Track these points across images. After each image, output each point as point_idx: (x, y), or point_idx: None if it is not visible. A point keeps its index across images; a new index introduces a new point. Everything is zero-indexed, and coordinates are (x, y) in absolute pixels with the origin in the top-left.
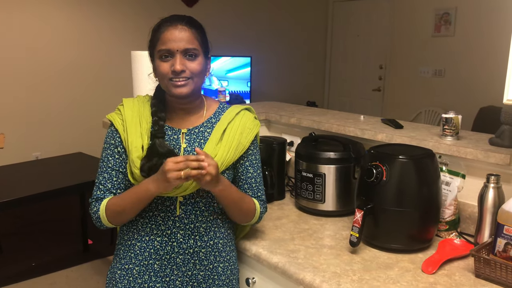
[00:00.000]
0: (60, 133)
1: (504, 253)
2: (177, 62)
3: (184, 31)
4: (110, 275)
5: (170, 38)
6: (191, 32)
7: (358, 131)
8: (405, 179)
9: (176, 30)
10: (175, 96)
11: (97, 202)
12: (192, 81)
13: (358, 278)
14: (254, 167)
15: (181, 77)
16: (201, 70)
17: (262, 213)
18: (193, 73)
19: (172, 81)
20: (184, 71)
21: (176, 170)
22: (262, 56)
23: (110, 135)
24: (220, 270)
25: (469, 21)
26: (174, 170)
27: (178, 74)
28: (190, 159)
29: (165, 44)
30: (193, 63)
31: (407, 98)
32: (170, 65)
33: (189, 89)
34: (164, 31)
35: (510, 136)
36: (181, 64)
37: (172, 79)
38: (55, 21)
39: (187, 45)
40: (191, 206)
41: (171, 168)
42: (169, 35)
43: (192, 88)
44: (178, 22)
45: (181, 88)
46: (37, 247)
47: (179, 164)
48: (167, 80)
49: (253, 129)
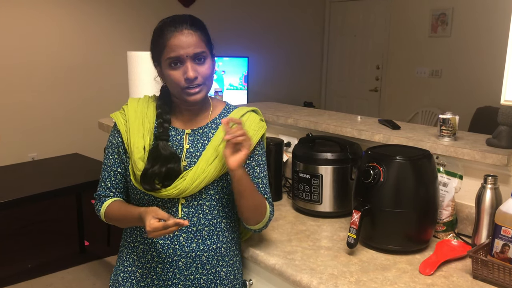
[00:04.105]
0: (56, 134)
1: (501, 254)
2: (189, 69)
3: (190, 36)
4: (114, 277)
5: (177, 44)
6: (197, 35)
7: (355, 132)
8: (402, 180)
9: (183, 36)
10: (189, 104)
11: (99, 200)
12: (205, 86)
13: (356, 280)
14: (260, 167)
15: (194, 84)
16: (211, 73)
17: (271, 212)
18: (205, 77)
19: (187, 90)
20: (196, 77)
21: (156, 232)
22: (259, 57)
23: (113, 135)
24: (223, 275)
25: (465, 21)
26: (154, 232)
27: (192, 81)
28: (169, 224)
29: (174, 52)
30: (203, 67)
31: (404, 99)
32: (182, 73)
33: (203, 95)
34: (170, 37)
35: (507, 136)
36: (193, 71)
37: (187, 88)
38: (51, 23)
39: (196, 49)
40: (194, 208)
41: (152, 232)
42: (176, 41)
43: (205, 93)
44: (182, 26)
45: (196, 95)
46: (33, 248)
47: (159, 231)
48: (180, 89)
49: (258, 131)
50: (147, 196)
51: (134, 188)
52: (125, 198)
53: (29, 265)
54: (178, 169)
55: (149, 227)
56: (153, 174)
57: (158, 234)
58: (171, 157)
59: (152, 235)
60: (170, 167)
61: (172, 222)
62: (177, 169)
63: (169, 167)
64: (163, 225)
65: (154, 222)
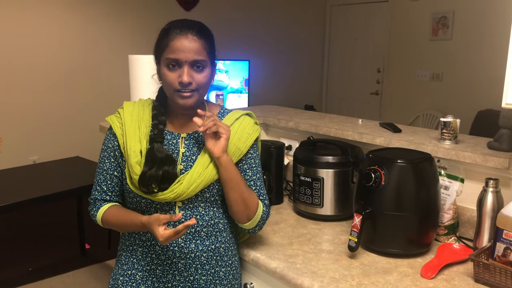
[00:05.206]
0: (57, 137)
1: (503, 258)
2: (185, 74)
3: (194, 42)
4: (113, 282)
5: (179, 47)
6: (201, 43)
7: (356, 135)
8: (403, 183)
9: (186, 40)
10: (180, 107)
11: (95, 204)
12: (197, 93)
13: (357, 283)
14: (253, 170)
15: (187, 89)
16: (207, 82)
17: (264, 213)
18: (199, 85)
19: (178, 93)
20: (191, 83)
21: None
22: (260, 60)
23: (108, 138)
24: (222, 275)
25: (466, 24)
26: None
27: (185, 86)
28: (180, 229)
29: (173, 53)
30: (200, 75)
31: (405, 102)
32: (177, 76)
33: (194, 100)
34: (173, 38)
35: (508, 140)
36: (189, 76)
37: (179, 90)
38: (53, 25)
39: (196, 56)
40: (190, 211)
41: (165, 241)
42: (178, 44)
43: (197, 99)
44: (188, 30)
45: (187, 99)
46: (34, 252)
47: (170, 238)
48: (173, 90)
49: (252, 134)
50: (144, 199)
51: (131, 191)
52: (121, 201)
53: (29, 268)
54: (174, 172)
55: (162, 237)
56: (150, 177)
57: (170, 240)
58: (167, 159)
59: (166, 242)
60: (166, 170)
61: (181, 227)
62: (172, 172)
63: (165, 170)
64: (174, 231)
65: (164, 231)
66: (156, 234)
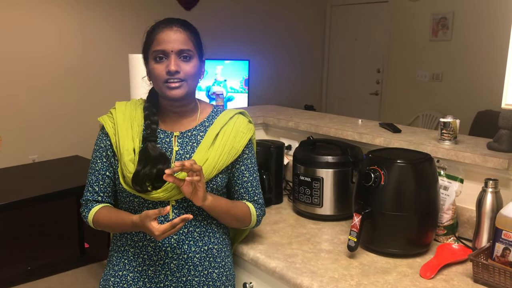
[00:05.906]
0: (57, 136)
1: (502, 258)
2: (172, 63)
3: (179, 33)
4: (103, 283)
5: (165, 39)
6: (186, 33)
7: (356, 135)
8: (403, 184)
9: (171, 32)
10: (169, 99)
11: (86, 205)
12: (186, 83)
13: (356, 283)
14: (250, 171)
15: (175, 78)
16: (195, 73)
17: (259, 216)
18: (187, 75)
19: (167, 83)
20: (178, 72)
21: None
22: (260, 60)
23: (100, 138)
24: (215, 276)
25: (466, 25)
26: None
27: (173, 74)
28: (176, 222)
29: (159, 45)
30: (188, 65)
31: (404, 102)
32: (165, 67)
33: (183, 91)
34: (158, 32)
35: (508, 140)
36: (176, 65)
37: (167, 80)
38: (53, 24)
39: (182, 46)
40: (184, 210)
41: (161, 235)
42: (164, 36)
43: (186, 90)
44: (172, 23)
45: (175, 90)
46: (33, 251)
47: (168, 232)
48: (161, 82)
49: (246, 133)
50: (137, 198)
51: (124, 191)
52: (113, 202)
53: (28, 267)
54: None
55: (157, 231)
56: (144, 176)
57: (166, 235)
58: (161, 157)
59: (161, 238)
60: (160, 168)
61: (178, 220)
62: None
63: (159, 168)
64: (170, 225)
65: (158, 225)
66: (151, 230)
